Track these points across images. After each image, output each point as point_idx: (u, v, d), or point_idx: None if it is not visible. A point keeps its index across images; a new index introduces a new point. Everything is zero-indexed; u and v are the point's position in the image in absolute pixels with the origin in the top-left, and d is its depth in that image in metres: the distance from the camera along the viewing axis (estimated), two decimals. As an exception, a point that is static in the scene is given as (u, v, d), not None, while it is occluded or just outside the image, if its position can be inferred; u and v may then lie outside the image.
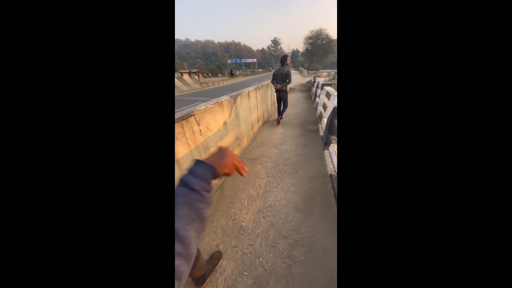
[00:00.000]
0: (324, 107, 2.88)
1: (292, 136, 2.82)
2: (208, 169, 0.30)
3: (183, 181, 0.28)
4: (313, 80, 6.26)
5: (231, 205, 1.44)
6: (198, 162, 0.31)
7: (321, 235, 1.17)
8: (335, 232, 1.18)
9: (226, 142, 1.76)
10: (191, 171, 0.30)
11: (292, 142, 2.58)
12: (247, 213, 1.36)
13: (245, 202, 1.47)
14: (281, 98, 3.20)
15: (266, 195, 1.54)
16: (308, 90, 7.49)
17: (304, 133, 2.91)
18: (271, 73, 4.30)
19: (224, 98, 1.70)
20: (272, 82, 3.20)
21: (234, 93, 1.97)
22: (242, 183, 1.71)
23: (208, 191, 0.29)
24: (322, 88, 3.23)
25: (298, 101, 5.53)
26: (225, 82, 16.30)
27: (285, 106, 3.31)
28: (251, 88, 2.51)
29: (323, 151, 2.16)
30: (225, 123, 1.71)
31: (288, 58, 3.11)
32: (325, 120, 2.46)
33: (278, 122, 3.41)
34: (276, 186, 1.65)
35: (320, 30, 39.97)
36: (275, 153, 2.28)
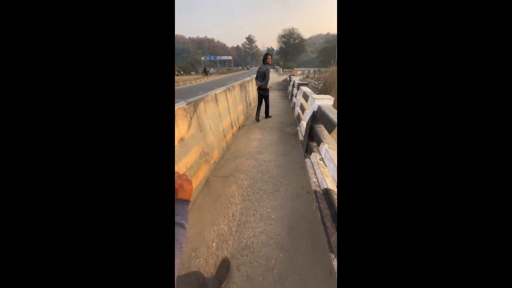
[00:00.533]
0: (302, 108, 2.70)
1: (270, 142, 2.55)
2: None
3: None
4: (288, 79, 6.17)
5: (193, 253, 1.07)
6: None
7: (312, 283, 0.91)
8: (328, 274, 0.93)
9: (186, 163, 1.36)
10: None
11: (270, 150, 2.31)
12: (216, 264, 1.01)
13: (213, 245, 1.12)
14: (262, 96, 3.27)
15: (241, 230, 1.21)
16: (285, 89, 7.41)
17: (282, 138, 2.67)
18: (248, 71, 4.59)
19: (179, 106, 1.29)
20: (255, 79, 3.29)
21: (194, 98, 1.57)
22: (211, 214, 1.35)
23: None
24: (298, 88, 3.06)
25: (275, 100, 5.33)
26: (198, 80, 15.23)
27: (266, 103, 3.42)
28: (219, 90, 2.13)
29: (304, 159, 1.94)
30: (181, 140, 1.30)
31: (269, 56, 3.03)
32: (304, 123, 2.26)
33: (263, 118, 3.56)
34: (253, 214, 1.33)
35: (292, 29, 41.16)
36: (252, 165, 1.97)
